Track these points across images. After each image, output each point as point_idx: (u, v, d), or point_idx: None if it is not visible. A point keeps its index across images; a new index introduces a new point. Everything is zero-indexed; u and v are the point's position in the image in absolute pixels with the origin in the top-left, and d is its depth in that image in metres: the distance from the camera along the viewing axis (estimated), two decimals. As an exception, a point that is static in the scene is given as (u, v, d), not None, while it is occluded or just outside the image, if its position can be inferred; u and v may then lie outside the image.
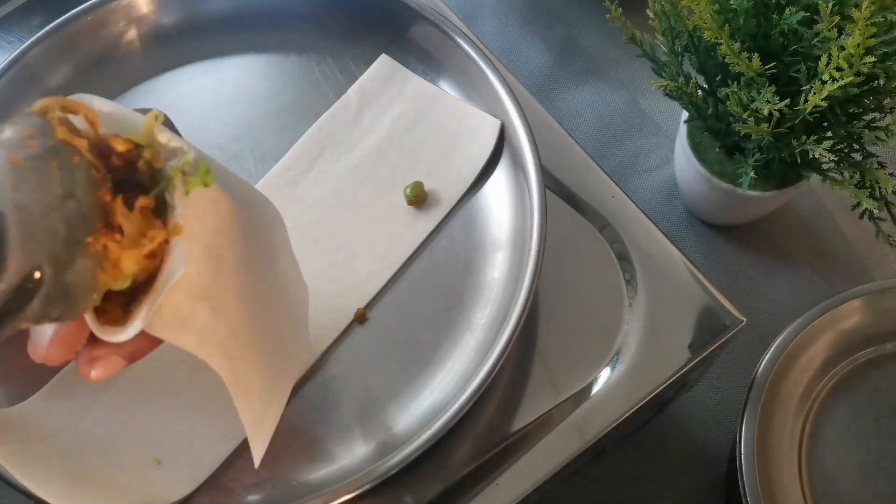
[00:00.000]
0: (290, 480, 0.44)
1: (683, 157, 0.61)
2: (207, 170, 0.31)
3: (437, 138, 0.52)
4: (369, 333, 0.48)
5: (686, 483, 0.59)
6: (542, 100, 0.56)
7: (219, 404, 0.45)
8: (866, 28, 0.44)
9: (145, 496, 0.42)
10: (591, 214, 0.51)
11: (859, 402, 0.54)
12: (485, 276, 0.48)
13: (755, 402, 0.51)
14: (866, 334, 0.55)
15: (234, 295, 0.34)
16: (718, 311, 0.48)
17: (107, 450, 0.43)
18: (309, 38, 0.56)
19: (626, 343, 0.48)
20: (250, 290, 0.35)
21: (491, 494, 0.44)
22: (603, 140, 0.72)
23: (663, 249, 0.50)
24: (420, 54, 0.55)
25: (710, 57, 0.54)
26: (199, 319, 0.32)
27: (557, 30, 0.77)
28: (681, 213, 0.68)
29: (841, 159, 0.53)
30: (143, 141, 0.31)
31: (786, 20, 0.49)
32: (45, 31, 0.53)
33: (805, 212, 0.68)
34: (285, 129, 0.53)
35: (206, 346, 0.32)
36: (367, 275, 0.49)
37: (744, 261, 0.66)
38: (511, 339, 0.43)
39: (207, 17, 0.57)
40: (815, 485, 0.52)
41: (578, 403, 0.46)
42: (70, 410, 0.44)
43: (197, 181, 0.31)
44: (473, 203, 0.51)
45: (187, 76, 0.56)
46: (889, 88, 0.49)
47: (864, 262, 0.66)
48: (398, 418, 0.45)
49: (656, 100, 0.73)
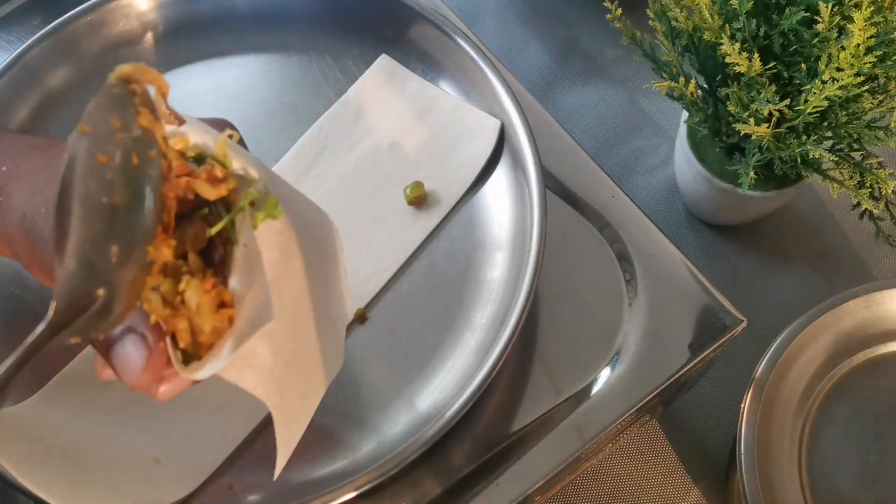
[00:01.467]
0: (290, 480, 0.44)
1: (683, 157, 0.61)
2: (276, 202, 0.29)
3: (437, 138, 0.52)
4: (369, 333, 0.48)
5: (686, 483, 0.59)
6: (542, 100, 0.56)
7: (219, 404, 0.45)
8: (866, 28, 0.44)
9: (145, 496, 0.42)
10: (591, 214, 0.51)
11: (859, 402, 0.54)
12: (485, 276, 0.48)
13: (755, 402, 0.51)
14: (866, 334, 0.55)
15: (290, 325, 0.32)
16: (718, 311, 0.48)
17: (107, 450, 0.43)
18: (309, 38, 0.56)
19: (626, 343, 0.48)
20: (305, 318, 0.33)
21: (491, 494, 0.44)
22: (603, 140, 0.72)
23: (663, 249, 0.50)
24: (420, 54, 0.55)
25: (711, 57, 0.54)
26: (259, 358, 0.30)
27: (557, 30, 0.77)
28: (681, 213, 0.68)
29: (841, 159, 0.53)
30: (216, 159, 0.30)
31: (786, 20, 0.49)
32: (45, 31, 0.54)
33: (805, 212, 0.68)
34: (285, 129, 0.53)
35: (263, 386, 0.31)
36: (367, 275, 0.49)
37: (744, 261, 0.66)
38: (511, 339, 0.43)
39: (207, 17, 0.57)
40: (815, 485, 0.52)
41: (578, 403, 0.46)
42: (70, 410, 0.44)
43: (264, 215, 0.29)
44: (473, 203, 0.51)
45: (187, 76, 0.56)
46: (889, 88, 0.49)
47: (864, 262, 0.66)
48: (398, 418, 0.45)
49: (656, 100, 0.73)
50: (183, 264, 0.29)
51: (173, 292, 0.28)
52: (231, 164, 0.30)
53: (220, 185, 0.29)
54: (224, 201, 0.30)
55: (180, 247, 0.29)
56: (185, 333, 0.29)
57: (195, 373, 0.29)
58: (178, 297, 0.28)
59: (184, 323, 0.28)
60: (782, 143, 0.52)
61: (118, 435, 0.44)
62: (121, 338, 0.30)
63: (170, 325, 0.29)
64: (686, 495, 0.59)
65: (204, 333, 0.29)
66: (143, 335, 0.30)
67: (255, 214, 0.29)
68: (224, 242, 0.30)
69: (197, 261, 0.29)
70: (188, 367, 0.29)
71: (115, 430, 0.44)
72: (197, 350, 0.29)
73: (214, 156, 0.30)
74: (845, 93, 0.47)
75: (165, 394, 0.32)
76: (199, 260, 0.29)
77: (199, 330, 0.29)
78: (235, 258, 0.29)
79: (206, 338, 0.29)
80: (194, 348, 0.29)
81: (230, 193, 0.30)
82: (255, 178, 0.30)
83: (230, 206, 0.30)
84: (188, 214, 0.29)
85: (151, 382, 0.31)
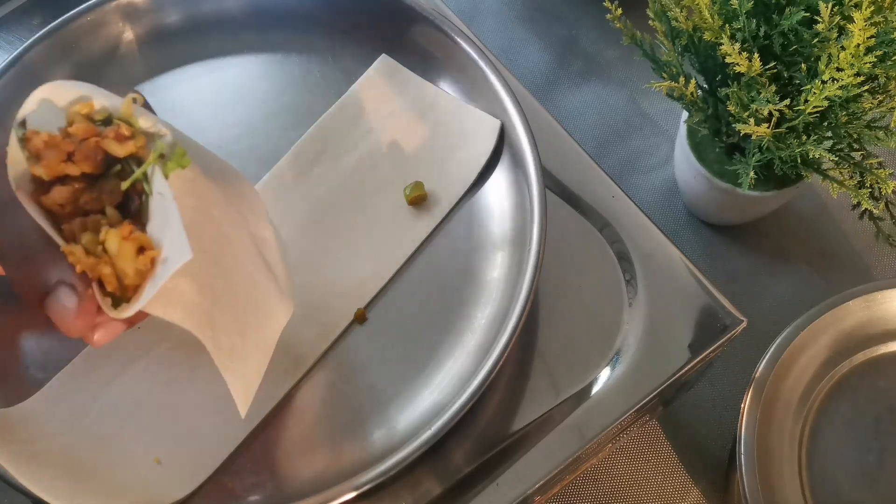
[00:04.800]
0: (290, 480, 0.44)
1: (683, 157, 0.61)
2: (184, 152, 0.33)
3: (437, 138, 0.52)
4: (369, 333, 0.48)
5: (686, 483, 0.59)
6: (542, 100, 0.56)
7: (219, 404, 0.45)
8: (866, 28, 0.44)
9: (145, 496, 0.42)
10: (591, 214, 0.51)
11: (859, 402, 0.54)
12: (485, 276, 0.48)
13: (755, 402, 0.51)
14: (866, 334, 0.55)
15: (214, 266, 0.35)
16: (718, 311, 0.48)
17: (107, 450, 0.43)
18: (309, 38, 0.56)
19: (626, 343, 0.48)
20: (229, 260, 0.36)
21: (491, 494, 0.44)
22: (603, 140, 0.72)
23: (663, 249, 0.50)
24: (420, 54, 0.55)
25: (711, 57, 0.54)
26: (183, 294, 0.33)
27: (557, 30, 0.77)
28: (681, 213, 0.68)
29: (841, 159, 0.53)
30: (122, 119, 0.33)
31: (786, 20, 0.49)
32: (45, 31, 0.53)
33: (805, 212, 0.68)
34: (285, 129, 0.53)
35: (190, 319, 0.33)
36: (367, 275, 0.49)
37: (744, 261, 0.66)
38: (511, 339, 0.43)
39: (207, 17, 0.57)
40: (815, 485, 0.52)
41: (578, 403, 0.46)
42: (70, 410, 0.44)
43: (174, 165, 0.32)
44: (473, 203, 0.51)
45: (187, 76, 0.56)
46: (889, 88, 0.49)
47: (864, 262, 0.66)
48: (398, 418, 0.45)
49: (656, 100, 0.73)
50: (102, 218, 0.32)
51: (94, 242, 0.32)
52: (137, 122, 0.33)
53: (128, 142, 0.32)
54: (135, 158, 0.33)
55: (98, 202, 0.32)
56: (111, 278, 0.32)
57: (123, 313, 0.32)
58: (100, 246, 0.32)
59: (108, 269, 0.32)
60: (782, 143, 0.52)
61: (118, 435, 0.44)
62: (53, 290, 0.33)
63: (94, 272, 0.32)
64: (686, 495, 0.59)
65: (128, 277, 0.32)
66: (73, 285, 0.33)
67: (165, 164, 0.32)
68: (139, 195, 0.33)
69: (115, 214, 0.32)
70: (118, 310, 0.32)
71: (115, 430, 0.44)
72: (125, 293, 0.32)
73: (120, 116, 0.33)
74: (845, 93, 0.47)
75: (101, 339, 0.35)
76: (117, 213, 0.33)
77: (123, 274, 0.32)
78: (151, 207, 0.32)
79: (132, 280, 0.32)
80: (122, 292, 0.32)
81: (139, 150, 0.33)
82: (162, 133, 0.33)
83: (141, 161, 0.33)
84: (104, 174, 0.33)
85: (85, 327, 0.33)
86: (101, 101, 0.33)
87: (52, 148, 0.32)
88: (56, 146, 0.32)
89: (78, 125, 0.32)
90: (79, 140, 0.32)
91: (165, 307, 0.33)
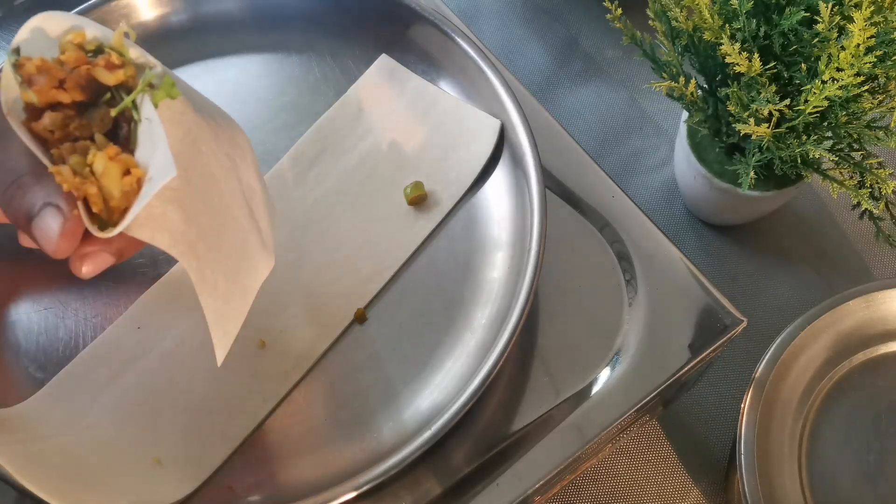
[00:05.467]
0: (290, 480, 0.44)
1: (683, 157, 0.61)
2: (173, 83, 0.33)
3: (437, 138, 0.52)
4: (369, 333, 0.48)
5: (686, 483, 0.59)
6: (542, 100, 0.56)
7: (219, 404, 0.45)
8: (866, 28, 0.44)
9: (145, 496, 0.42)
10: (591, 214, 0.51)
11: (859, 402, 0.54)
12: (485, 276, 0.48)
13: (755, 402, 0.51)
14: (866, 334, 0.55)
15: (201, 201, 0.35)
16: (718, 311, 0.48)
17: (107, 450, 0.43)
18: (309, 38, 0.56)
19: (626, 343, 0.48)
20: (216, 199, 0.36)
21: (491, 494, 0.44)
22: (603, 140, 0.72)
23: (663, 249, 0.50)
24: (420, 54, 0.55)
25: (711, 57, 0.54)
26: (170, 221, 0.33)
27: (557, 30, 0.77)
28: (681, 213, 0.68)
29: (841, 159, 0.53)
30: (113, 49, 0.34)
31: (786, 20, 0.49)
32: (45, 31, 0.53)
33: (805, 212, 0.68)
34: (285, 129, 0.53)
35: (177, 246, 0.34)
36: (367, 275, 0.49)
37: (744, 261, 0.66)
38: (511, 339, 0.43)
39: (207, 17, 0.57)
40: (815, 485, 0.52)
41: (578, 403, 0.46)
42: (70, 410, 0.44)
43: (163, 94, 0.33)
44: (473, 203, 0.51)
45: (187, 76, 0.55)
46: (889, 88, 0.49)
47: (864, 262, 0.66)
48: (398, 418, 0.45)
49: (656, 100, 0.73)
50: (91, 144, 0.33)
51: (82, 164, 0.32)
52: (128, 52, 0.34)
53: (118, 71, 0.33)
54: (125, 87, 0.33)
55: (87, 129, 0.33)
56: (97, 199, 0.32)
57: (110, 234, 0.33)
58: (87, 168, 0.32)
59: (94, 189, 0.32)
60: (782, 143, 0.52)
61: (118, 435, 0.44)
62: (39, 211, 0.33)
63: (80, 191, 0.32)
64: (686, 495, 0.59)
65: (114, 198, 0.32)
66: (59, 206, 0.33)
67: (154, 94, 0.33)
68: (128, 122, 0.33)
69: (104, 140, 0.33)
70: (104, 232, 0.33)
71: (115, 430, 0.44)
72: (111, 216, 0.33)
73: (111, 46, 0.34)
74: (845, 93, 0.47)
75: (88, 271, 0.35)
76: (106, 140, 0.33)
77: (109, 195, 0.32)
78: (139, 135, 0.33)
79: (118, 203, 0.32)
80: (108, 215, 0.33)
81: (129, 80, 0.33)
82: (152, 65, 0.34)
83: (131, 90, 0.33)
84: (94, 102, 0.33)
85: (69, 248, 0.34)
86: (94, 32, 0.34)
87: (44, 73, 0.32)
88: (48, 71, 0.32)
89: (69, 53, 0.33)
90: (70, 68, 0.33)
91: (153, 232, 0.33)
